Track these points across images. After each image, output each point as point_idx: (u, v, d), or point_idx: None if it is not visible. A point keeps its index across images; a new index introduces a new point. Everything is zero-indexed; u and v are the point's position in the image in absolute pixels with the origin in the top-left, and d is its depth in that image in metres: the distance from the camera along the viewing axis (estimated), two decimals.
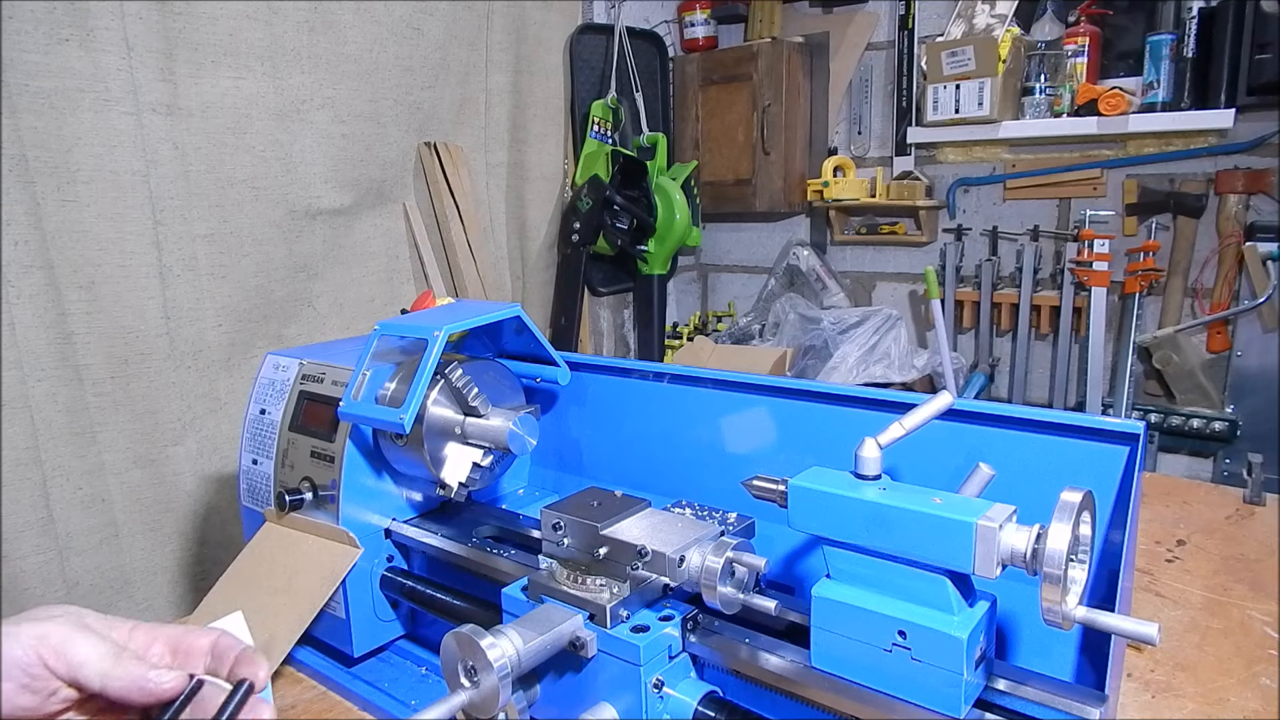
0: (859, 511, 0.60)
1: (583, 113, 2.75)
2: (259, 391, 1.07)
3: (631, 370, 1.04)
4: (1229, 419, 2.32)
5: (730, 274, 3.35)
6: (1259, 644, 0.93)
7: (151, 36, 1.69)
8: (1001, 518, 0.55)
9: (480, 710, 0.63)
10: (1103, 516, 0.70)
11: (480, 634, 0.63)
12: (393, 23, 2.13)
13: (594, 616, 0.70)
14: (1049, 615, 0.54)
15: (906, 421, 0.63)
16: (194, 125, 1.79)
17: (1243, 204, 2.25)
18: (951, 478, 0.66)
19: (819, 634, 0.63)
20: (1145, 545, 1.16)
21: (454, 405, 0.93)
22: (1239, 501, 1.30)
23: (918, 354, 2.73)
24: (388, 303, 2.25)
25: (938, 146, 2.73)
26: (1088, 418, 0.71)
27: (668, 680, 0.70)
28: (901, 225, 2.85)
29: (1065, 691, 0.60)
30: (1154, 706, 0.83)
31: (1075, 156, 2.52)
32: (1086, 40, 2.34)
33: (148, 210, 1.72)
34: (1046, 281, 2.59)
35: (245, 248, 1.92)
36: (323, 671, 0.97)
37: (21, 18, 1.51)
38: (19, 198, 1.54)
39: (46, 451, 1.62)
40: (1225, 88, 2.14)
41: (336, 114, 2.05)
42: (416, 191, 2.34)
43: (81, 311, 1.65)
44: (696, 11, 3.07)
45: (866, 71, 2.89)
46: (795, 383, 0.90)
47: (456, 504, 1.02)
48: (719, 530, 0.74)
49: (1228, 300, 2.30)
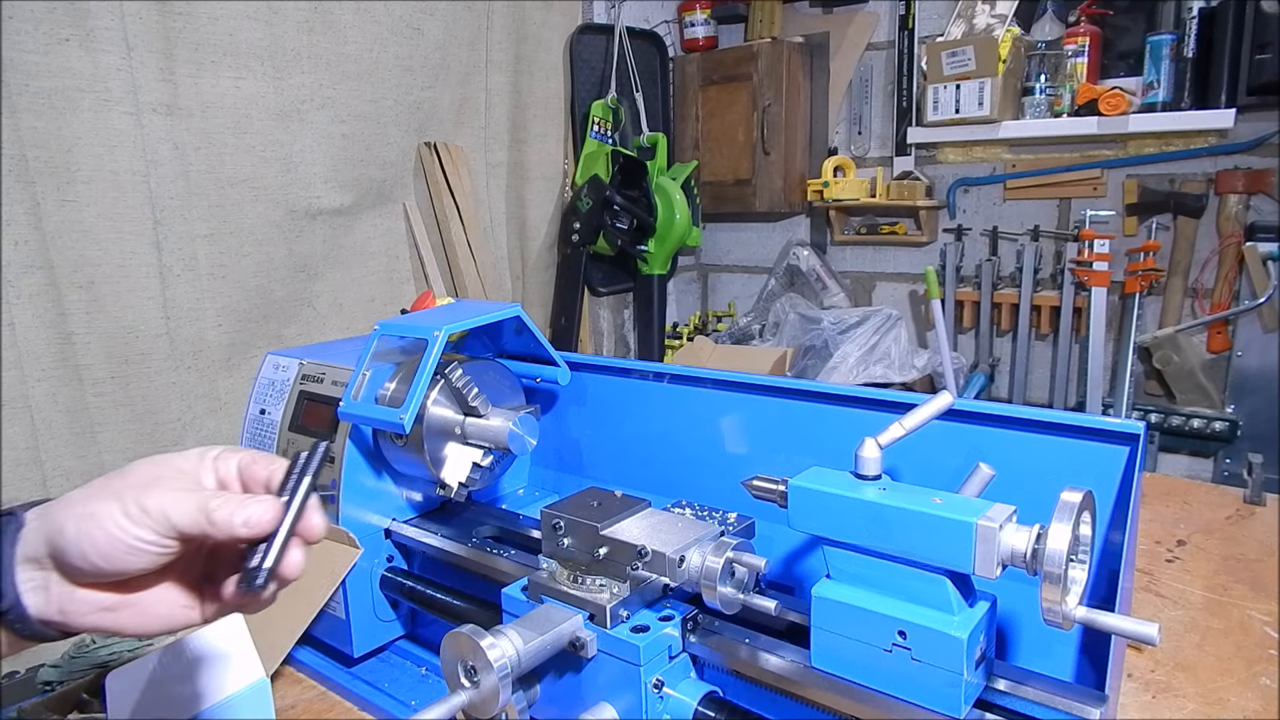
0: (859, 511, 0.60)
1: (583, 113, 2.75)
2: (259, 391, 1.07)
3: (631, 370, 1.04)
4: (1229, 419, 2.32)
5: (730, 274, 3.35)
6: (1259, 644, 0.93)
7: (151, 36, 1.69)
8: (1001, 518, 0.55)
9: (480, 710, 0.63)
10: (1103, 516, 0.70)
11: (480, 634, 0.63)
12: (393, 23, 2.13)
13: (594, 616, 0.70)
14: (1049, 615, 0.54)
15: (906, 421, 0.63)
16: (194, 125, 1.79)
17: (1243, 204, 2.25)
18: (951, 478, 0.66)
19: (819, 634, 0.63)
20: (1145, 545, 1.16)
21: (454, 405, 0.93)
22: (1239, 501, 1.30)
23: (918, 354, 2.73)
24: (388, 303, 2.25)
25: (938, 146, 2.73)
26: (1088, 418, 0.71)
27: (668, 680, 0.70)
28: (901, 225, 2.85)
29: (1065, 691, 0.60)
30: (1154, 707, 0.83)
31: (1075, 156, 2.52)
32: (1086, 40, 2.34)
33: (148, 210, 1.72)
34: (1047, 281, 2.59)
35: (245, 248, 1.92)
36: (323, 671, 0.97)
37: (21, 18, 1.51)
38: (19, 198, 1.54)
39: (46, 451, 1.62)
40: (1225, 88, 2.15)
41: (336, 114, 2.05)
42: (416, 191, 2.34)
43: (81, 311, 1.65)
44: (696, 11, 3.07)
45: (866, 71, 2.88)
46: (795, 383, 0.90)
47: (456, 504, 1.02)
48: (719, 530, 0.74)
49: (1228, 300, 2.30)
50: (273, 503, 0.50)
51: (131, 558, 0.48)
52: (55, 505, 0.49)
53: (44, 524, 0.48)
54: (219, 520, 0.48)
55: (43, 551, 0.48)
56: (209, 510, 0.48)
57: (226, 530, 0.48)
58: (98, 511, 0.47)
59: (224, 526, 0.48)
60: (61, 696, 0.85)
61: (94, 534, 0.47)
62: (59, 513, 0.48)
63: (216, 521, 0.48)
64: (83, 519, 0.47)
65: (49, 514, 0.48)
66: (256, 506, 0.49)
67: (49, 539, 0.48)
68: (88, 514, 0.47)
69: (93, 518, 0.47)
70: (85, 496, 0.49)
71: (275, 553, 0.50)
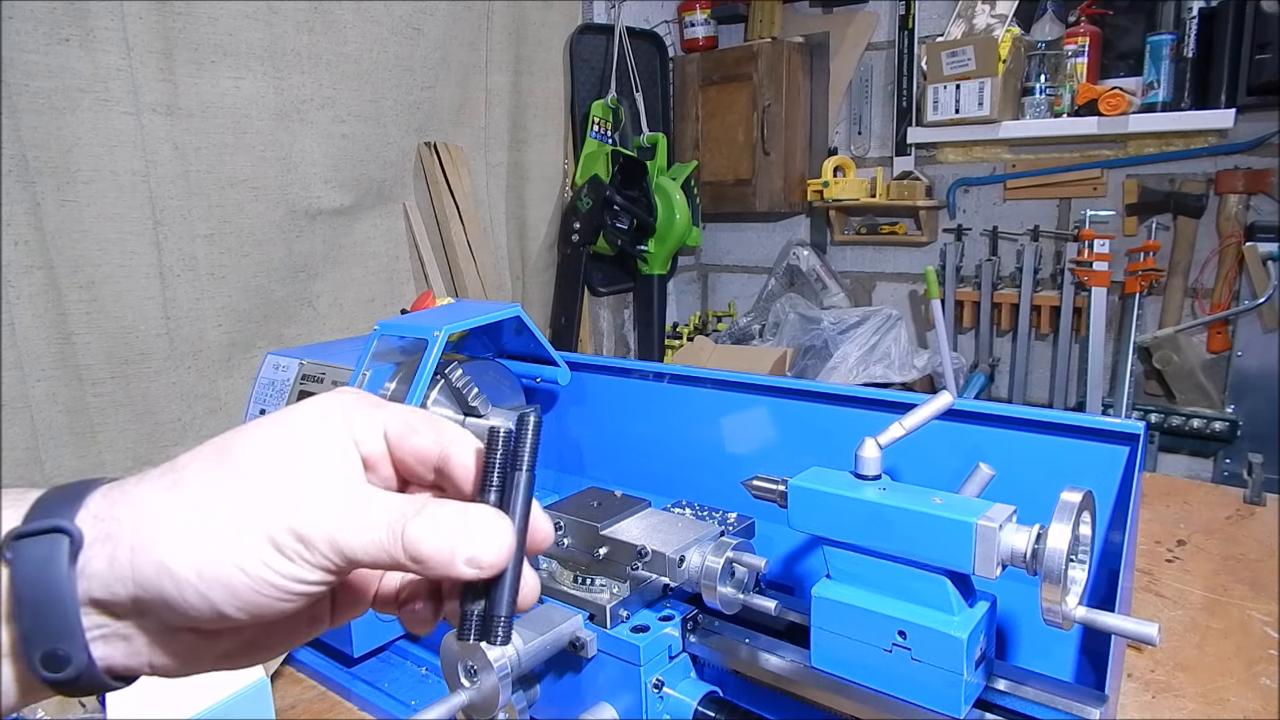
0: (859, 511, 0.60)
1: (583, 113, 2.75)
2: (259, 392, 1.07)
3: (631, 370, 1.04)
4: (1229, 419, 2.32)
5: (730, 274, 3.35)
6: (1259, 644, 0.93)
7: (151, 36, 1.69)
8: (1001, 518, 0.55)
9: (480, 710, 0.63)
10: (1103, 516, 0.70)
11: None
12: (393, 23, 2.13)
13: (594, 616, 0.70)
14: (1049, 615, 0.54)
15: (906, 421, 0.63)
16: (194, 125, 1.79)
17: (1243, 204, 2.25)
18: (951, 478, 0.66)
19: (819, 634, 0.63)
20: (1145, 545, 1.16)
21: (454, 405, 0.93)
22: (1239, 501, 1.30)
23: (918, 354, 2.73)
24: (388, 303, 2.25)
25: (938, 146, 2.73)
26: (1088, 418, 0.71)
27: (668, 680, 0.70)
28: (901, 225, 2.85)
29: (1065, 691, 0.60)
30: (1154, 707, 0.83)
31: (1075, 156, 2.52)
32: (1086, 40, 2.34)
33: (148, 210, 1.72)
34: (1046, 281, 2.59)
35: (245, 248, 1.92)
36: (323, 671, 0.97)
37: (21, 18, 1.51)
38: (19, 198, 1.54)
39: (46, 451, 1.62)
40: (1225, 88, 2.15)
41: (336, 114, 2.05)
42: (416, 191, 2.34)
43: (81, 311, 1.65)
44: (696, 11, 3.07)
45: (866, 71, 2.88)
46: (795, 383, 0.90)
47: None
48: (719, 530, 0.74)
49: (1228, 300, 2.30)
50: (500, 524, 0.34)
51: (284, 605, 0.32)
52: (126, 519, 0.31)
53: (117, 550, 0.31)
54: (428, 556, 0.32)
55: (122, 595, 0.31)
56: (409, 541, 0.32)
57: (440, 570, 0.33)
58: (227, 546, 0.31)
59: (436, 565, 0.32)
60: (61, 697, 0.85)
61: (229, 580, 0.31)
62: (144, 536, 0.31)
63: (425, 558, 0.32)
64: (203, 557, 0.31)
65: (122, 536, 0.31)
66: (484, 533, 0.33)
67: (139, 581, 0.31)
68: (209, 550, 0.31)
69: (222, 555, 0.31)
70: (185, 510, 0.31)
71: (509, 593, 0.35)
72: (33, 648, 0.30)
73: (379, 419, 0.36)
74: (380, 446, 0.36)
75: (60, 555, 0.30)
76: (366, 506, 0.33)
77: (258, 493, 0.32)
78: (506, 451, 0.35)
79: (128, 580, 0.31)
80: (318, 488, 0.33)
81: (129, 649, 0.33)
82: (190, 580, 0.31)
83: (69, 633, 0.30)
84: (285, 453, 0.33)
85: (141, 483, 0.33)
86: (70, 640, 0.30)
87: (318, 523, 0.32)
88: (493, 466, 0.35)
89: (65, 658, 0.30)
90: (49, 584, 0.30)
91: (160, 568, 0.31)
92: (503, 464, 0.35)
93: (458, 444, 0.36)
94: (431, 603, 0.38)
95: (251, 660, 0.37)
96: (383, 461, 0.36)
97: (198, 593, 0.31)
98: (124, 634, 0.32)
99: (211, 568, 0.31)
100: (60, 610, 0.30)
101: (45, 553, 0.30)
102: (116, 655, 0.32)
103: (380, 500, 0.33)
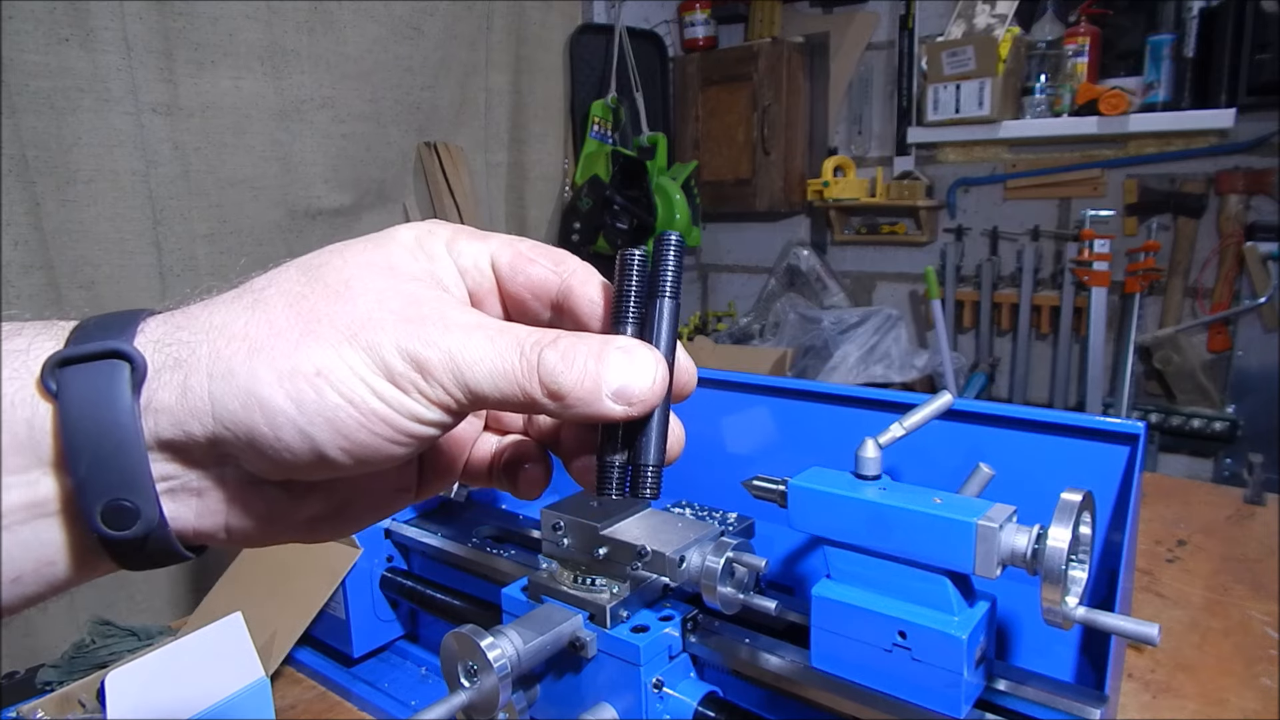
0: (859, 511, 0.60)
1: (583, 113, 2.75)
2: None
3: None
4: (1229, 419, 2.32)
5: (730, 274, 3.35)
6: (1259, 644, 0.93)
7: (151, 36, 1.69)
8: (1001, 518, 0.55)
9: (480, 710, 0.63)
10: (1103, 516, 0.70)
11: (480, 634, 0.63)
12: (393, 23, 2.13)
13: (594, 616, 0.70)
14: (1049, 615, 0.54)
15: (906, 421, 0.63)
16: (194, 125, 1.79)
17: (1243, 204, 2.25)
18: (951, 478, 0.66)
19: (819, 634, 0.63)
20: (1145, 545, 1.16)
21: None
22: (1239, 501, 1.30)
23: (918, 354, 2.73)
24: None
25: (938, 146, 2.73)
26: (1088, 418, 0.71)
27: (668, 680, 0.70)
28: (902, 225, 2.85)
29: (1065, 692, 0.60)
30: (1154, 707, 0.83)
31: (1075, 156, 2.52)
32: (1087, 40, 2.34)
33: (148, 210, 1.72)
34: (1047, 281, 2.59)
35: (245, 248, 1.92)
36: (323, 672, 0.97)
37: (21, 18, 1.51)
38: (19, 198, 1.54)
39: None
40: (1225, 88, 2.15)
41: (336, 114, 2.05)
42: (416, 191, 2.34)
43: (81, 312, 1.65)
44: (696, 11, 3.07)
45: (866, 71, 2.88)
46: (795, 383, 0.90)
47: (456, 504, 1.02)
48: (719, 530, 0.74)
49: (1228, 300, 2.30)
50: (651, 354, 0.29)
51: (394, 450, 0.27)
52: (200, 343, 0.26)
53: (190, 379, 0.25)
54: (570, 388, 0.27)
55: (198, 435, 0.26)
56: (546, 370, 0.27)
57: (581, 408, 0.27)
58: (330, 368, 0.25)
59: (578, 400, 0.27)
60: (61, 697, 0.85)
61: (333, 413, 0.25)
62: (224, 362, 0.25)
63: (566, 391, 0.27)
64: (300, 380, 0.25)
65: (196, 363, 0.25)
66: (634, 363, 0.28)
67: (219, 417, 0.25)
68: (307, 373, 0.25)
69: (325, 380, 0.25)
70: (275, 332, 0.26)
71: (658, 438, 0.30)
72: (92, 500, 0.25)
73: (485, 248, 0.31)
74: (488, 278, 0.31)
75: (121, 385, 0.25)
76: (493, 331, 0.27)
77: (362, 313, 0.26)
78: (643, 277, 0.31)
79: (205, 416, 0.25)
80: (433, 308, 0.27)
81: (202, 507, 0.28)
82: (287, 412, 0.25)
83: (135, 480, 0.25)
84: (388, 273, 0.28)
85: (210, 305, 0.27)
86: (138, 490, 0.25)
87: (437, 344, 0.26)
88: (628, 295, 0.31)
89: (134, 510, 0.25)
90: (109, 421, 0.24)
91: (248, 398, 0.25)
92: (639, 291, 0.31)
93: (580, 274, 0.32)
94: (541, 464, 0.34)
95: (334, 531, 0.32)
96: (490, 297, 0.31)
97: (296, 428, 0.25)
98: (196, 488, 0.27)
99: (309, 398, 0.25)
100: (124, 453, 0.25)
101: (102, 382, 0.25)
102: (188, 515, 0.27)
103: (507, 326, 0.28)
